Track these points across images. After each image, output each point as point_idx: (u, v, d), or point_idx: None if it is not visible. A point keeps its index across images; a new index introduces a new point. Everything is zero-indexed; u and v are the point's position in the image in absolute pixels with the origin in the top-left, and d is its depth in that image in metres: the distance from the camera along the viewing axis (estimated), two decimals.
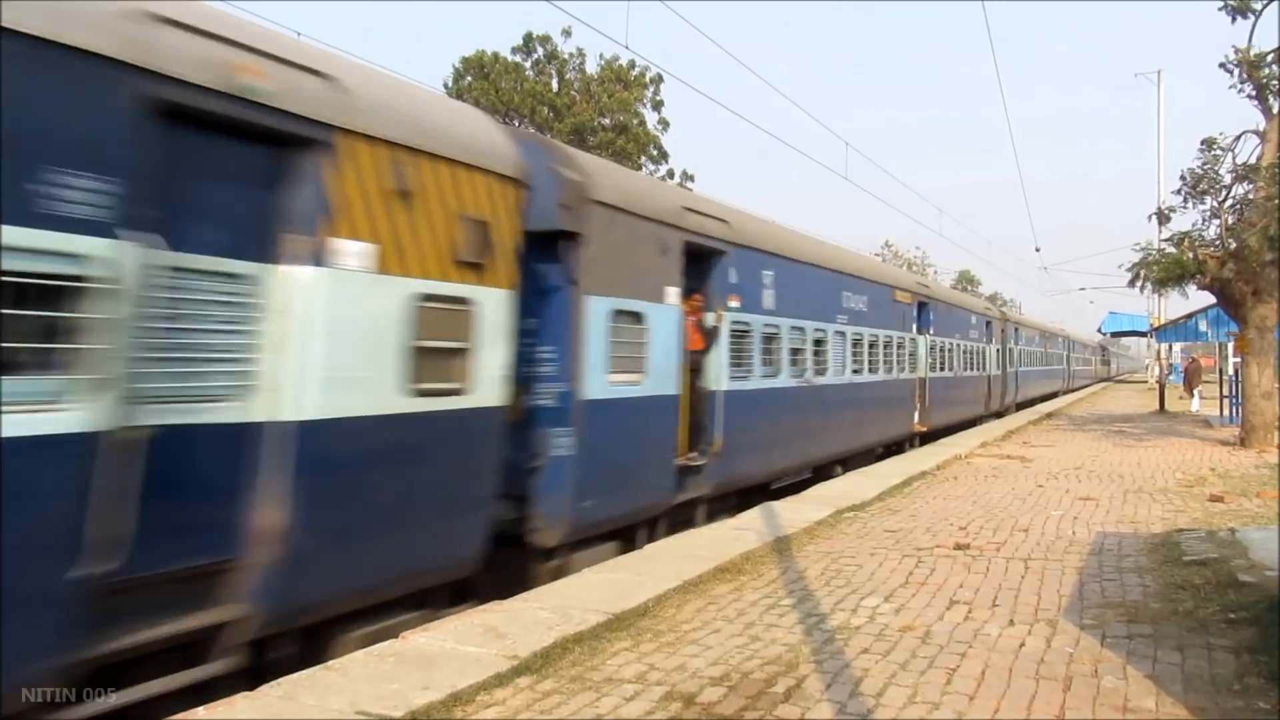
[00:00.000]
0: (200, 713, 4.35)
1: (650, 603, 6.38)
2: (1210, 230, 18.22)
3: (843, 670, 5.06)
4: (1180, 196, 18.44)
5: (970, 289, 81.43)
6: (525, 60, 41.00)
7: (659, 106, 42.45)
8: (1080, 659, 5.20)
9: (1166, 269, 18.34)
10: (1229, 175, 17.79)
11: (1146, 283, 19.23)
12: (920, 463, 14.98)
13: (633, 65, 41.02)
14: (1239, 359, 20.21)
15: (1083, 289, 58.75)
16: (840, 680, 4.90)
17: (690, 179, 43.28)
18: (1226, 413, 24.86)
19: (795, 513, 10.09)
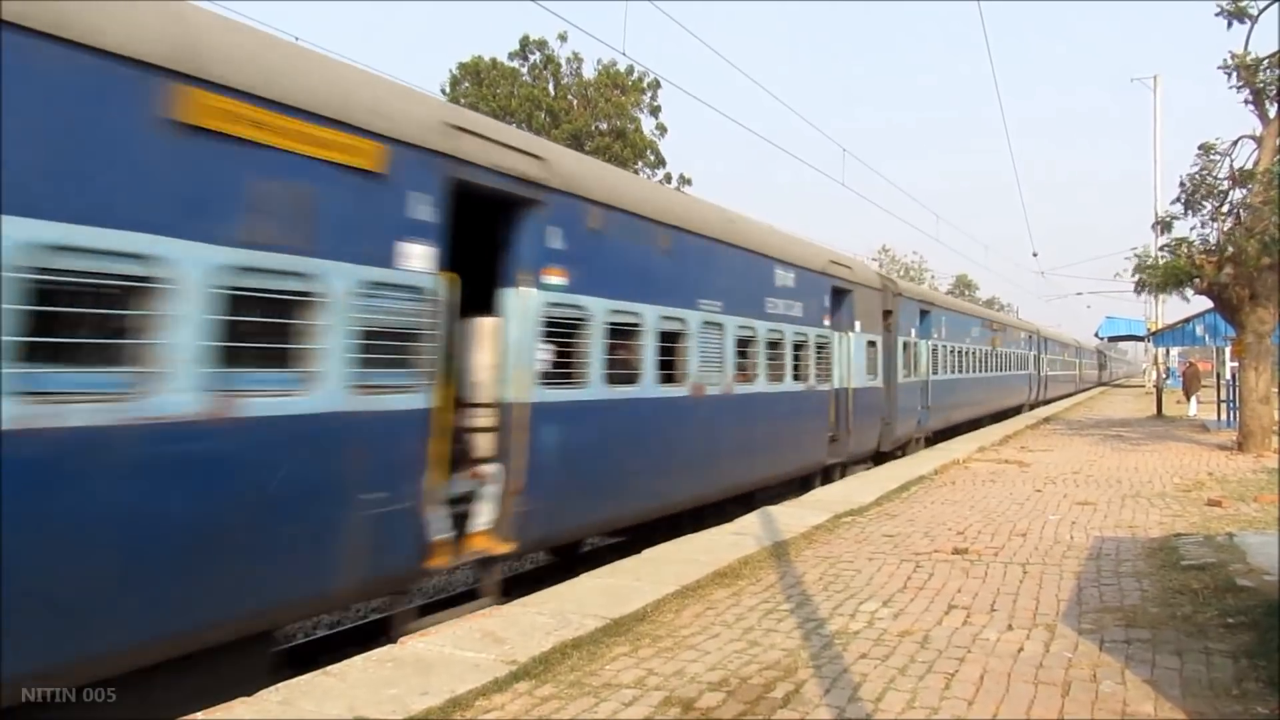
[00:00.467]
0: (199, 717, 4.34)
1: (649, 608, 6.39)
2: (1209, 235, 18.28)
3: (841, 675, 5.07)
4: (1180, 205, 18.47)
5: (967, 294, 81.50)
6: (522, 65, 41.05)
7: (656, 112, 42.55)
8: (1079, 664, 5.21)
9: (1165, 274, 18.39)
10: (1226, 181, 17.85)
11: (1145, 287, 19.28)
12: (918, 467, 15.01)
13: (630, 70, 41.13)
14: (1236, 363, 20.23)
15: (1079, 294, 58.80)
16: (839, 685, 4.91)
17: (687, 182, 43.34)
18: (1224, 417, 24.89)
19: (793, 517, 10.11)
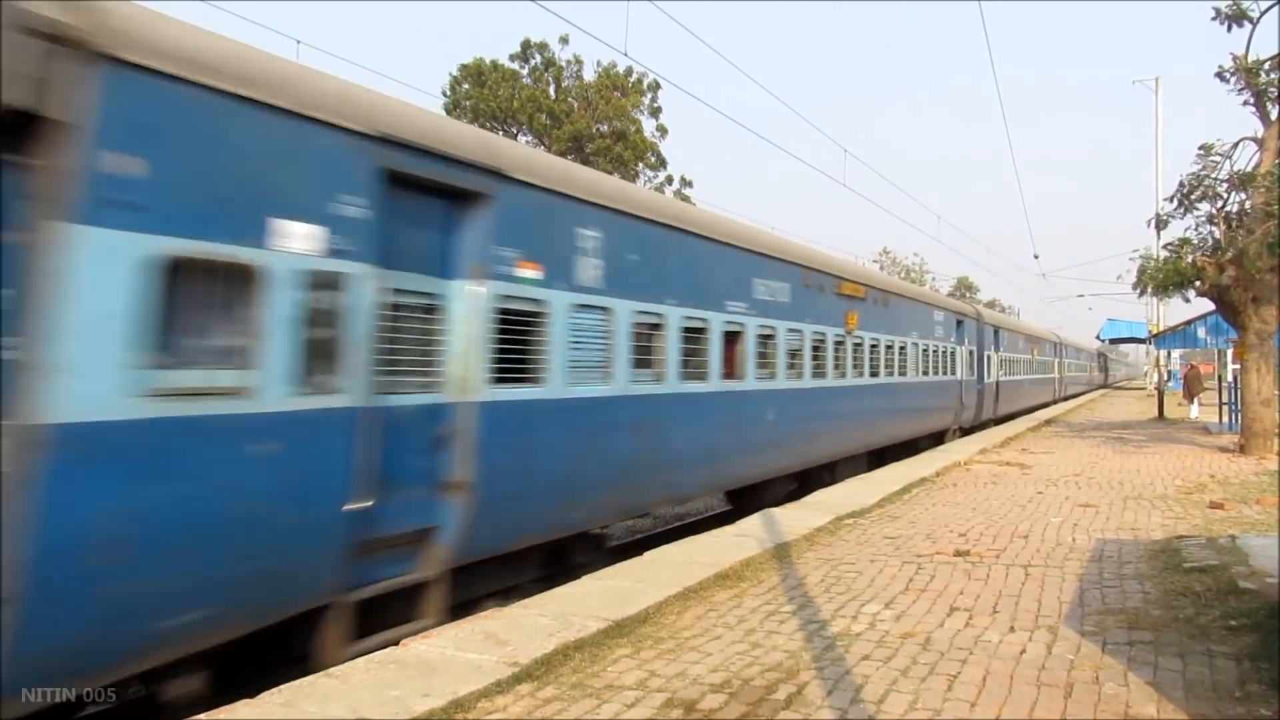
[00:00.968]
0: (201, 718, 4.34)
1: (651, 609, 6.39)
2: (1208, 237, 18.27)
3: (844, 677, 5.06)
4: (1174, 203, 18.49)
5: (968, 296, 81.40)
6: (523, 67, 41.11)
7: (657, 113, 42.60)
8: (1081, 666, 5.20)
9: (1166, 275, 18.38)
10: (1224, 183, 17.84)
11: (1147, 289, 19.27)
12: (919, 469, 15.01)
13: (630, 72, 41.17)
14: (1238, 366, 20.21)
15: (1081, 295, 58.64)
16: (841, 687, 4.90)
17: (688, 184, 43.36)
18: (1226, 419, 24.88)
19: (795, 519, 10.10)
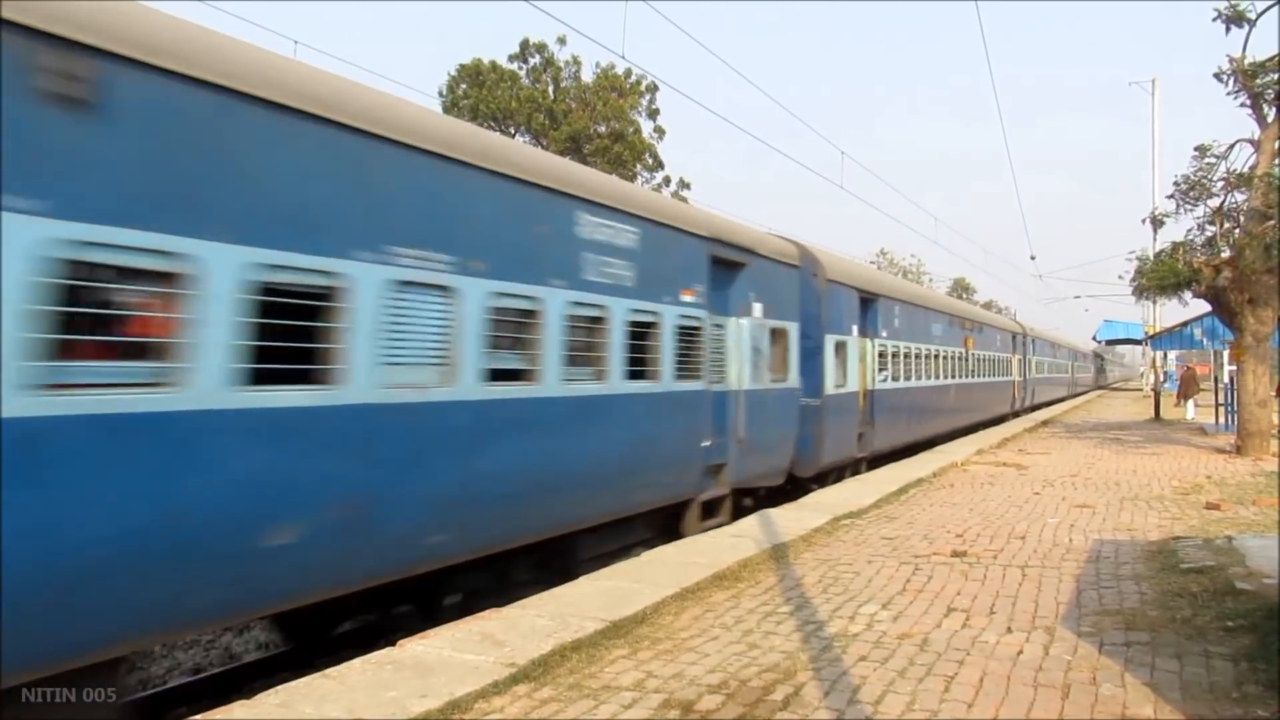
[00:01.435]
0: (199, 718, 4.34)
1: (648, 610, 6.38)
2: (1203, 239, 18.31)
3: (841, 677, 5.06)
4: (1173, 202, 18.57)
5: (965, 296, 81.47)
6: (521, 68, 41.07)
7: (654, 114, 42.58)
8: (1078, 666, 5.21)
9: (1162, 276, 18.41)
10: (1220, 183, 17.88)
11: (1144, 292, 19.31)
12: (917, 470, 15.01)
13: (628, 73, 41.17)
14: (1235, 367, 20.25)
15: (1077, 296, 58.81)
16: (838, 688, 4.90)
17: (686, 186, 43.35)
18: (1222, 420, 24.93)
19: (793, 520, 10.10)
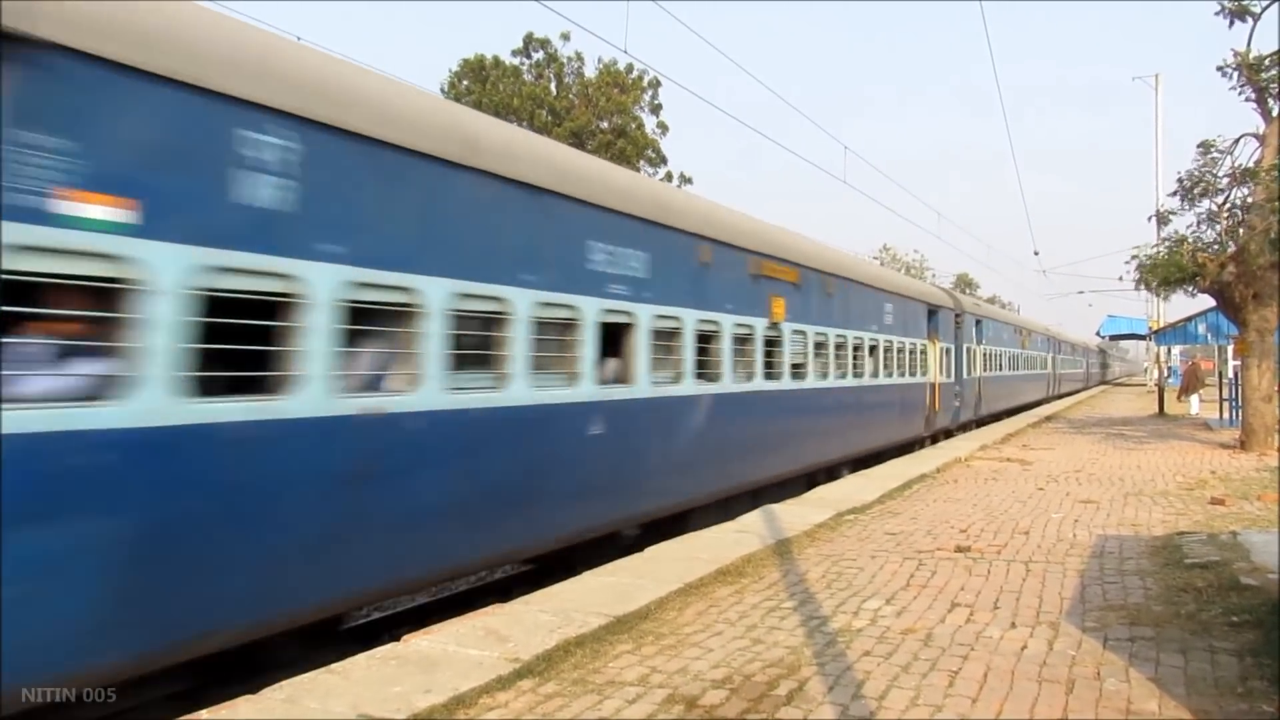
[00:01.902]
0: (204, 715, 4.34)
1: (651, 605, 6.38)
2: (1209, 233, 18.28)
3: (845, 673, 5.06)
4: (1176, 199, 18.53)
5: (969, 292, 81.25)
6: (524, 63, 41.03)
7: (657, 110, 42.52)
8: (1082, 661, 5.20)
9: (1166, 271, 18.38)
10: (1225, 179, 17.84)
11: (1148, 285, 19.28)
12: (920, 465, 15.01)
13: (630, 69, 41.09)
14: (1239, 362, 20.21)
15: (1081, 292, 58.77)
16: (842, 683, 4.90)
17: (688, 181, 43.31)
18: (1226, 416, 24.88)
19: (796, 515, 10.10)
